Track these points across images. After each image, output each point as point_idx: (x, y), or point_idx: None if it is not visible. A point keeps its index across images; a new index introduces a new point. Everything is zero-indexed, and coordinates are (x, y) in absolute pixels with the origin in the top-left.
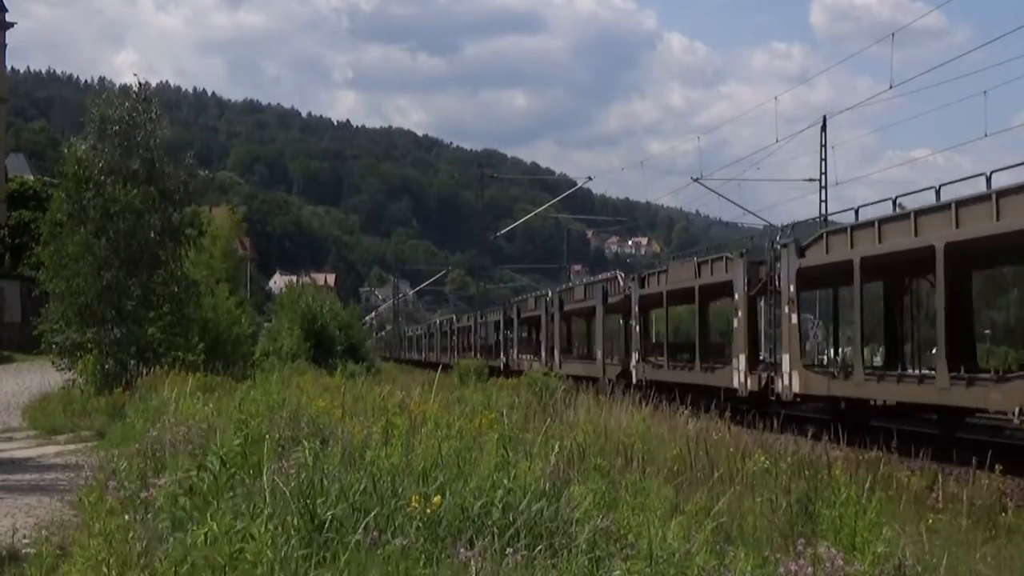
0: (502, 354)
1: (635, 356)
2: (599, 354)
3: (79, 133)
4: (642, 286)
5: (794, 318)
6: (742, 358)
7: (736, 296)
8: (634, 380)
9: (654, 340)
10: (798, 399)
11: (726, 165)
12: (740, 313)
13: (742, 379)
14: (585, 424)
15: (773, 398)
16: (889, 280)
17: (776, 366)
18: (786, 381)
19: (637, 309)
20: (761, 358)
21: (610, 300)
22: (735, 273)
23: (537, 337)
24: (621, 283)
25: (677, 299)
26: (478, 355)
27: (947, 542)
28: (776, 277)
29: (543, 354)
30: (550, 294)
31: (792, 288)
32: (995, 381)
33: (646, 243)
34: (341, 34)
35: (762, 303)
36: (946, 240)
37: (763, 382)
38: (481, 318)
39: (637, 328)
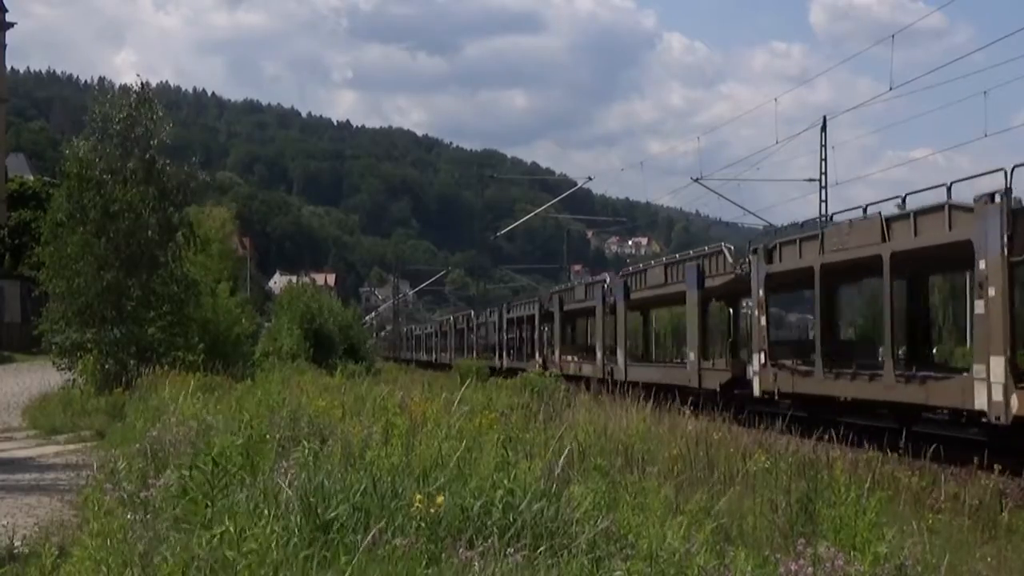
0: (537, 355)
1: (758, 358)
2: (692, 355)
3: (79, 133)
4: (770, 260)
5: None
6: (997, 363)
7: (981, 264)
8: (756, 391)
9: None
10: None
11: (726, 165)
12: (992, 291)
13: (998, 396)
14: (585, 424)
15: None
16: None
17: None
18: None
19: (762, 293)
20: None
21: (709, 283)
22: (979, 229)
23: (572, 334)
24: (729, 259)
25: (841, 275)
26: (505, 356)
27: (947, 542)
28: None
29: (599, 355)
30: (608, 279)
31: None
32: None
33: (646, 243)
34: (340, 34)
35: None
36: None
37: None
38: (508, 312)
39: (763, 319)
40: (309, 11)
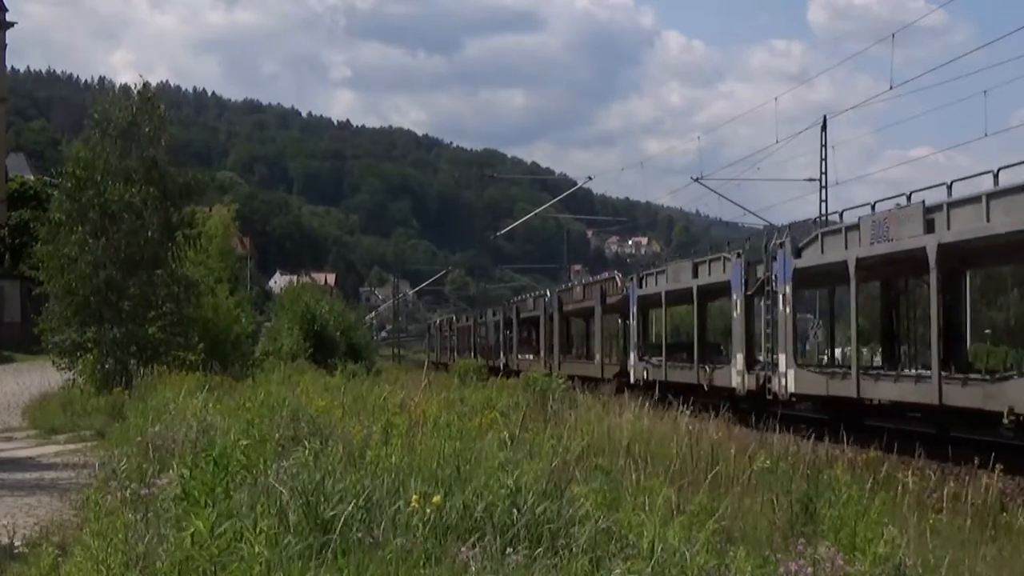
0: (598, 357)
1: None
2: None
3: (79, 133)
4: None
5: None
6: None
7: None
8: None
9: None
10: None
11: (726, 165)
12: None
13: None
14: (587, 424)
15: None
16: None
17: None
18: None
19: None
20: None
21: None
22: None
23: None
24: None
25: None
26: (556, 360)
27: (947, 542)
28: None
29: (737, 359)
30: (744, 251)
31: None
32: None
33: (646, 243)
34: (338, 32)
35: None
36: None
37: None
38: (557, 306)
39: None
40: (306, 10)
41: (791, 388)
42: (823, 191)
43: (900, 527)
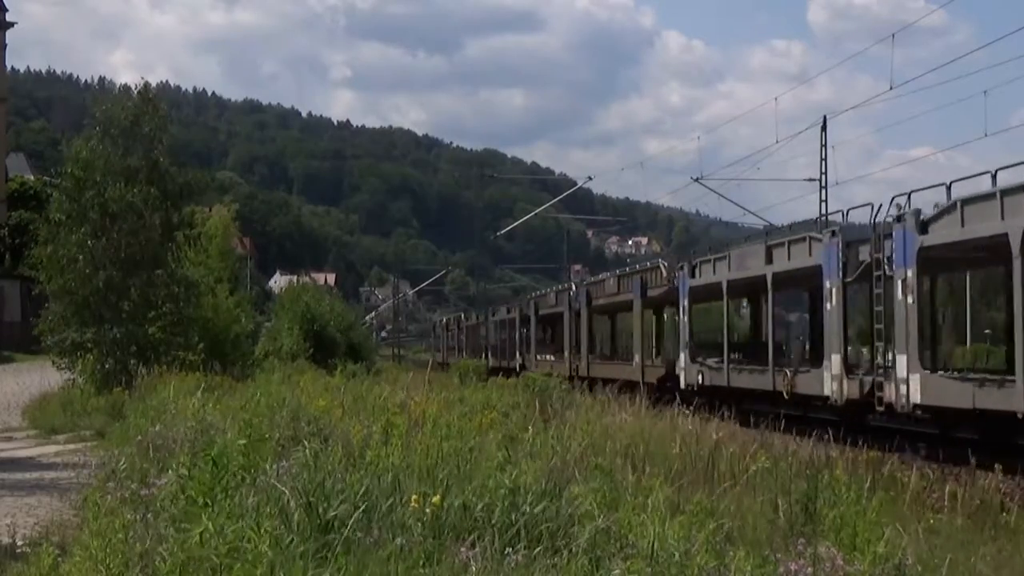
0: (637, 358)
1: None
2: None
3: (79, 133)
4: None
5: None
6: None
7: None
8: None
9: None
10: None
11: (726, 165)
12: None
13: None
14: (586, 424)
15: None
16: None
17: None
18: None
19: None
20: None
21: None
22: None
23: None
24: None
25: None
26: (585, 360)
27: (947, 542)
28: None
29: (835, 360)
30: (840, 229)
31: None
32: None
33: (646, 243)
34: (338, 32)
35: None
36: None
37: None
38: (585, 300)
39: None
40: (306, 10)
41: (916, 398)
42: (823, 191)
43: (900, 527)
